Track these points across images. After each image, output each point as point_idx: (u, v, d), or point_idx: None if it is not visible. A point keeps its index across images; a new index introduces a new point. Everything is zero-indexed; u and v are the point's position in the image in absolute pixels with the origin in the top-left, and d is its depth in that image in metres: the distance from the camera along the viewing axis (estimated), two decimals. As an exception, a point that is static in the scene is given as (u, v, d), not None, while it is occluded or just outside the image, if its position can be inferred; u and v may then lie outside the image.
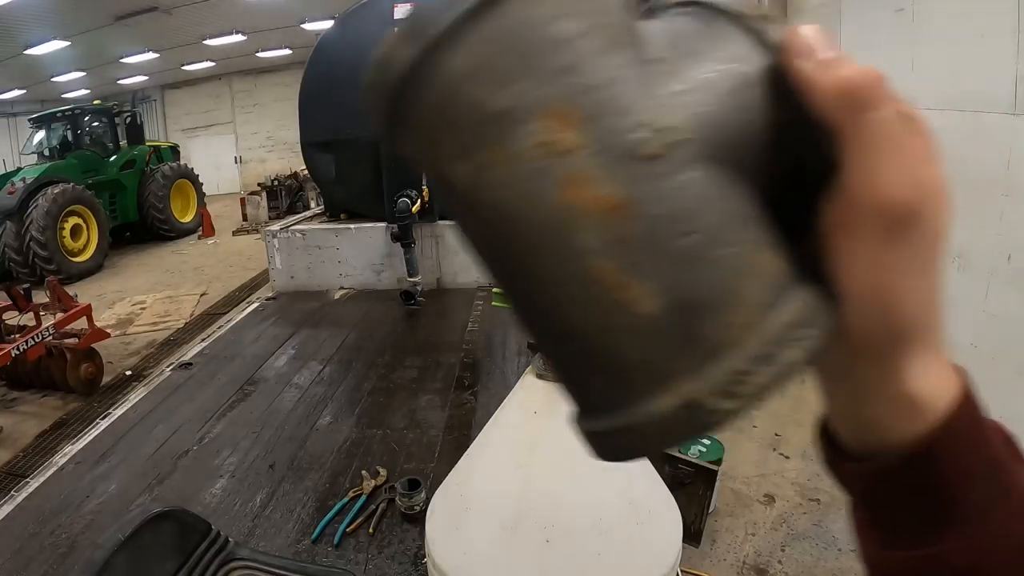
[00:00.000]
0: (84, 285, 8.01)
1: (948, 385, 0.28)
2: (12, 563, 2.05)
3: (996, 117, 3.08)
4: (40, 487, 2.51)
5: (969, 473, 0.28)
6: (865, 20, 4.14)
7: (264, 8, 10.98)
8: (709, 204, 0.23)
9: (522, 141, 0.22)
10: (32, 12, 9.15)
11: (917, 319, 0.26)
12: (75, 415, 4.39)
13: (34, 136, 10.19)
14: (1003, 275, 3.15)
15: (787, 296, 0.23)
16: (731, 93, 0.24)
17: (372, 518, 2.15)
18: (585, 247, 0.22)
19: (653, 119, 0.22)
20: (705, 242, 0.22)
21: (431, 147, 0.24)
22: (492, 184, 0.23)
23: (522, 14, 0.23)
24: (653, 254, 0.22)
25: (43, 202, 8.33)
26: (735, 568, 2.43)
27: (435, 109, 0.23)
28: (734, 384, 0.22)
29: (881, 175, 0.23)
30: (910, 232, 0.24)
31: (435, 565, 1.18)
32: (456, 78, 0.23)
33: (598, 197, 0.22)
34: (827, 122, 0.24)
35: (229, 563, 1.38)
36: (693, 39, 0.26)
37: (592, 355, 0.24)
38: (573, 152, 0.22)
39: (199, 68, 15.06)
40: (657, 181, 0.22)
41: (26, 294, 4.74)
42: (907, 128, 0.24)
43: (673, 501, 1.25)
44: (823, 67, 0.24)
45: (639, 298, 0.22)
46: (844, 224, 0.25)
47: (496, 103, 0.22)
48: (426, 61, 0.23)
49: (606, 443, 0.25)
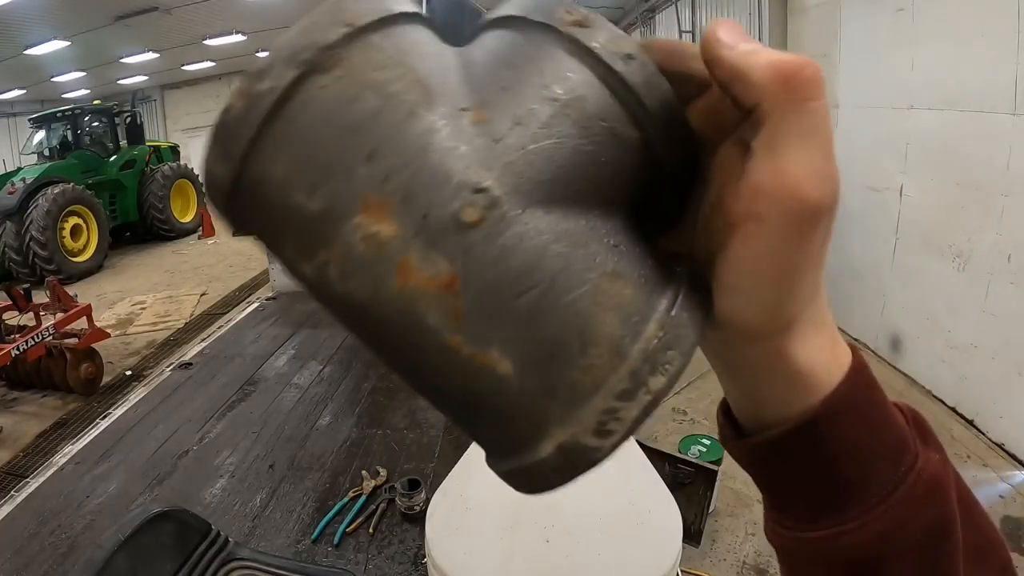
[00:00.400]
0: (84, 285, 8.02)
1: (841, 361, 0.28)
2: (12, 563, 2.05)
3: (996, 117, 3.08)
4: (40, 487, 2.51)
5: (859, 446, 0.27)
6: (865, 20, 4.14)
7: (264, 8, 10.97)
8: (544, 254, 0.22)
9: (349, 237, 0.22)
10: (32, 12, 9.14)
11: (806, 304, 0.26)
12: (75, 415, 4.39)
13: (34, 136, 10.19)
14: (1003, 275, 3.15)
15: (646, 321, 0.23)
16: (552, 125, 0.23)
17: (372, 518, 2.15)
18: (433, 326, 0.22)
19: (468, 181, 0.22)
20: (546, 294, 0.22)
21: (275, 250, 0.24)
22: (334, 280, 0.23)
23: (318, 104, 0.22)
24: (494, 320, 0.22)
25: (43, 202, 8.33)
26: (735, 568, 2.43)
27: (264, 219, 0.23)
28: (605, 423, 0.22)
29: (802, 168, 0.22)
30: (817, 228, 0.23)
31: (435, 565, 1.18)
32: (272, 187, 0.22)
33: (431, 278, 0.22)
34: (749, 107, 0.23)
35: (229, 563, 1.38)
36: (509, 67, 0.25)
37: (471, 413, 0.24)
38: (395, 239, 0.22)
39: (199, 68, 15.04)
40: (483, 247, 0.22)
41: (26, 294, 4.74)
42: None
43: (673, 501, 1.25)
44: (754, 54, 0.23)
45: (495, 362, 0.22)
46: (744, 219, 0.23)
47: (314, 206, 0.22)
48: (241, 177, 0.23)
49: (512, 481, 0.25)
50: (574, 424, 0.22)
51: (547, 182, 0.23)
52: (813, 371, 0.27)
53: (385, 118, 0.22)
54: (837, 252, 4.52)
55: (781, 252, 0.23)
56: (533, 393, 0.22)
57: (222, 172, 0.23)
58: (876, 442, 0.27)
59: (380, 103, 0.22)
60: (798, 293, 0.25)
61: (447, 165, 0.22)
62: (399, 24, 0.24)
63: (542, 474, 0.23)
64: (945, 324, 3.58)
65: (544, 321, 0.22)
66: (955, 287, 3.49)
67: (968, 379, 3.41)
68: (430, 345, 0.22)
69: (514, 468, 0.24)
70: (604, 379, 0.22)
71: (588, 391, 0.22)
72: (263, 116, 0.22)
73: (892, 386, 3.70)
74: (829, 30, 4.54)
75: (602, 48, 0.24)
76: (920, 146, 3.73)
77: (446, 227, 0.21)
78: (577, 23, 0.24)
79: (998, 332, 3.20)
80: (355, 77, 0.22)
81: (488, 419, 0.24)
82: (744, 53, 0.23)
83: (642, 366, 0.22)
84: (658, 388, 0.22)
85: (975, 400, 3.38)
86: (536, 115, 0.23)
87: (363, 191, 0.22)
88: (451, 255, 0.22)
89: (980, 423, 3.32)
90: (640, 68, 0.24)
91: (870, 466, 0.27)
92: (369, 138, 0.22)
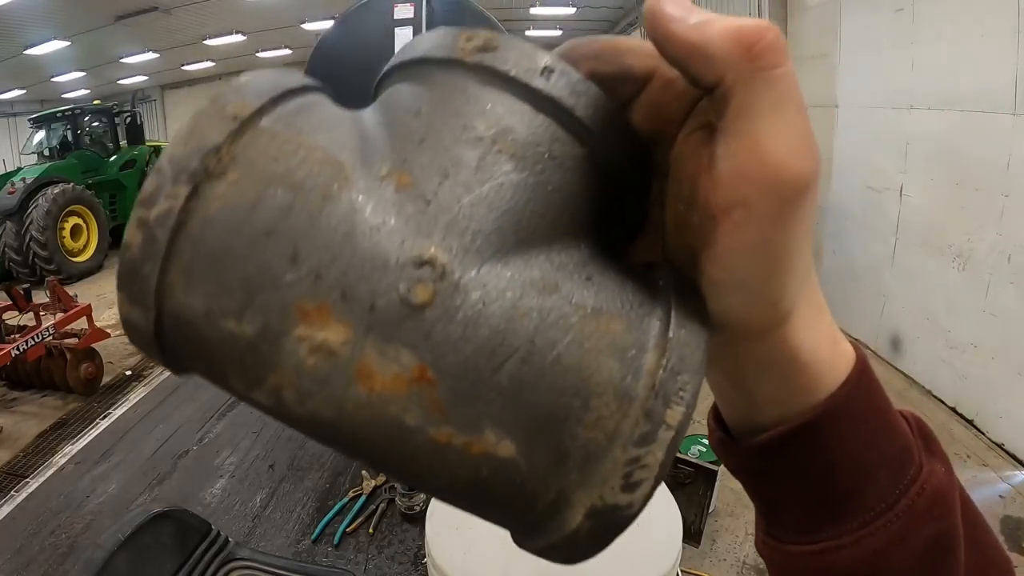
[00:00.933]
0: (84, 285, 8.01)
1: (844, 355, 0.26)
2: (12, 563, 2.05)
3: (996, 117, 3.08)
4: (40, 487, 2.51)
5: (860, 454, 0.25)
6: (865, 20, 4.14)
7: (264, 8, 10.97)
8: (514, 314, 0.20)
9: (294, 355, 0.19)
10: (32, 12, 9.14)
11: (803, 287, 0.24)
12: (75, 415, 4.39)
13: (34, 136, 10.19)
14: (1003, 275, 3.15)
15: (644, 351, 0.20)
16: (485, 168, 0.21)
17: (372, 518, 2.15)
18: (415, 425, 0.20)
19: (408, 257, 0.19)
20: (528, 358, 0.20)
21: (223, 385, 0.21)
22: (293, 404, 0.20)
23: (220, 217, 0.19)
24: (480, 401, 0.19)
25: (43, 202, 8.33)
26: (735, 568, 2.43)
27: (201, 356, 0.21)
28: (630, 474, 0.20)
29: (781, 142, 0.20)
30: (805, 202, 0.21)
31: (435, 565, 1.18)
32: (198, 321, 0.20)
33: (397, 376, 0.19)
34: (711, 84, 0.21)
35: (229, 563, 1.38)
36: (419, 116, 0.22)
37: (485, 502, 0.22)
38: (346, 344, 0.19)
39: (199, 68, 15.04)
40: (444, 325, 0.19)
41: (26, 294, 4.74)
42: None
43: (673, 501, 1.25)
44: (707, 24, 0.20)
45: (493, 446, 0.20)
46: (727, 209, 0.21)
47: (248, 329, 0.19)
48: (161, 319, 0.20)
49: (549, 557, 0.23)
50: (597, 485, 0.20)
51: (496, 231, 0.20)
52: (815, 364, 0.25)
53: (298, 212, 0.19)
54: (837, 252, 4.52)
55: (773, 236, 0.21)
56: (544, 466, 0.20)
57: (139, 319, 0.20)
58: (878, 450, 0.26)
59: (288, 197, 0.19)
60: (795, 276, 0.23)
61: (380, 246, 0.19)
62: (289, 102, 0.21)
63: (578, 545, 0.21)
64: (945, 324, 3.58)
65: (534, 387, 0.20)
66: (955, 287, 3.49)
67: (968, 379, 3.41)
68: (418, 446, 0.20)
69: (546, 545, 0.22)
70: (616, 429, 0.20)
71: (603, 446, 0.20)
72: (164, 249, 0.19)
73: (892, 386, 3.70)
74: (829, 30, 4.54)
75: (515, 68, 0.22)
76: (920, 146, 3.73)
77: (398, 314, 0.19)
78: (481, 48, 0.22)
79: (998, 332, 3.20)
80: (253, 176, 0.20)
81: (505, 503, 0.21)
82: (697, 26, 0.20)
83: (654, 402, 0.20)
84: (678, 420, 0.20)
85: (975, 400, 3.38)
86: (464, 161, 0.21)
87: (296, 299, 0.19)
88: (412, 344, 0.19)
89: (980, 423, 3.32)
90: (562, 78, 0.22)
91: (871, 476, 0.25)
92: (286, 239, 0.19)
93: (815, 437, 0.25)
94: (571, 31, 15.06)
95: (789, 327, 0.24)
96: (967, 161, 3.33)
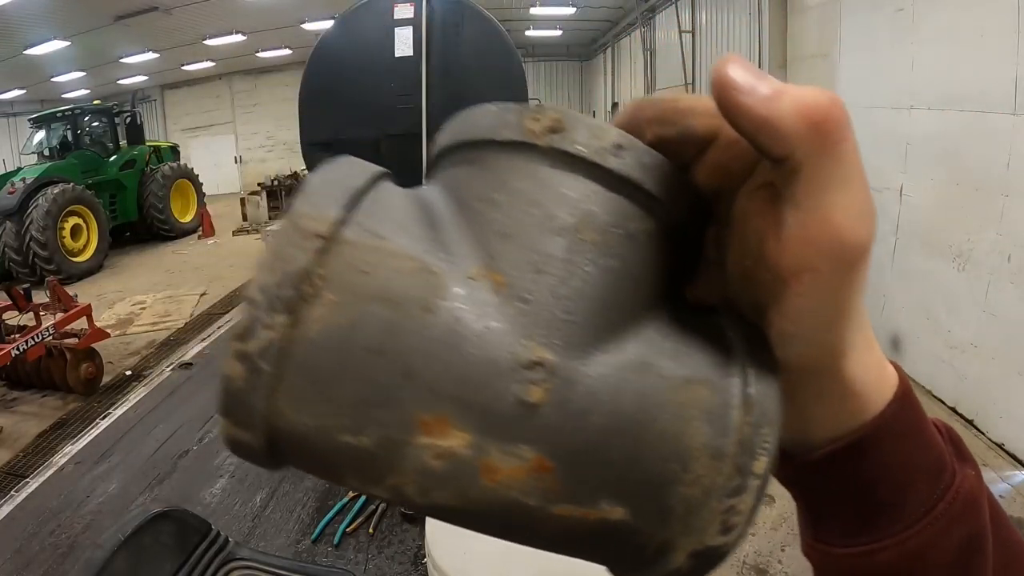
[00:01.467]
0: (84, 285, 8.01)
1: (888, 379, 0.28)
2: (12, 563, 2.05)
3: (996, 117, 3.08)
4: (40, 487, 2.51)
5: (902, 466, 0.28)
6: (865, 20, 4.14)
7: (264, 8, 10.98)
8: (619, 399, 0.21)
9: (418, 460, 0.20)
10: (32, 12, 9.15)
11: (859, 329, 0.26)
12: (75, 415, 4.39)
13: (34, 136, 10.19)
14: (1003, 275, 3.15)
15: (729, 409, 0.22)
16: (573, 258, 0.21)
17: (372, 518, 2.15)
18: (536, 506, 0.21)
19: (518, 360, 0.20)
20: (636, 438, 0.21)
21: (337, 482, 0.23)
22: (414, 496, 0.21)
23: (323, 342, 0.20)
24: (594, 479, 0.21)
25: (43, 202, 8.33)
26: (735, 568, 2.43)
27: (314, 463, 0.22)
28: (727, 521, 0.22)
29: (847, 213, 0.22)
30: (862, 266, 0.23)
31: (435, 565, 1.18)
32: (311, 437, 0.21)
33: (518, 468, 0.21)
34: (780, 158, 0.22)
35: (229, 563, 1.38)
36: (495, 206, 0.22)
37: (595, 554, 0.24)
38: (468, 448, 0.20)
39: (199, 68, 15.05)
40: (559, 419, 0.21)
41: (26, 294, 4.74)
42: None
43: (673, 501, 1.25)
44: (777, 99, 0.21)
45: (607, 513, 0.22)
46: (796, 273, 0.23)
47: (366, 443, 0.20)
48: (272, 439, 0.21)
49: None
50: (698, 532, 0.22)
51: (591, 320, 0.21)
52: (865, 390, 0.27)
53: (402, 328, 0.20)
54: (837, 252, 4.51)
55: (837, 295, 0.23)
56: (651, 522, 0.22)
57: (249, 440, 0.21)
58: (917, 461, 0.28)
59: (389, 313, 0.20)
60: (853, 323, 0.25)
61: (489, 352, 0.20)
62: (362, 203, 0.22)
63: None
64: (945, 324, 3.58)
65: (641, 460, 0.21)
66: (955, 287, 3.49)
67: (968, 379, 3.42)
68: (539, 520, 0.22)
69: None
70: (712, 485, 0.22)
71: (701, 501, 0.22)
72: (270, 379, 0.20)
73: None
74: (829, 30, 4.54)
75: (587, 149, 0.22)
76: (920, 146, 3.73)
77: (515, 415, 0.20)
78: (551, 129, 0.22)
79: (998, 332, 3.20)
80: (349, 295, 0.20)
81: (613, 552, 0.24)
82: (766, 99, 0.21)
83: (743, 457, 0.22)
84: (764, 469, 0.22)
85: (975, 400, 3.38)
86: (553, 254, 0.21)
87: (414, 413, 0.20)
88: (530, 439, 0.20)
89: (980, 423, 3.32)
90: (633, 156, 0.22)
91: (910, 484, 0.28)
92: (396, 356, 0.20)
93: (863, 452, 0.27)
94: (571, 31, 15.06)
95: (844, 361, 0.26)
96: (967, 161, 3.33)
